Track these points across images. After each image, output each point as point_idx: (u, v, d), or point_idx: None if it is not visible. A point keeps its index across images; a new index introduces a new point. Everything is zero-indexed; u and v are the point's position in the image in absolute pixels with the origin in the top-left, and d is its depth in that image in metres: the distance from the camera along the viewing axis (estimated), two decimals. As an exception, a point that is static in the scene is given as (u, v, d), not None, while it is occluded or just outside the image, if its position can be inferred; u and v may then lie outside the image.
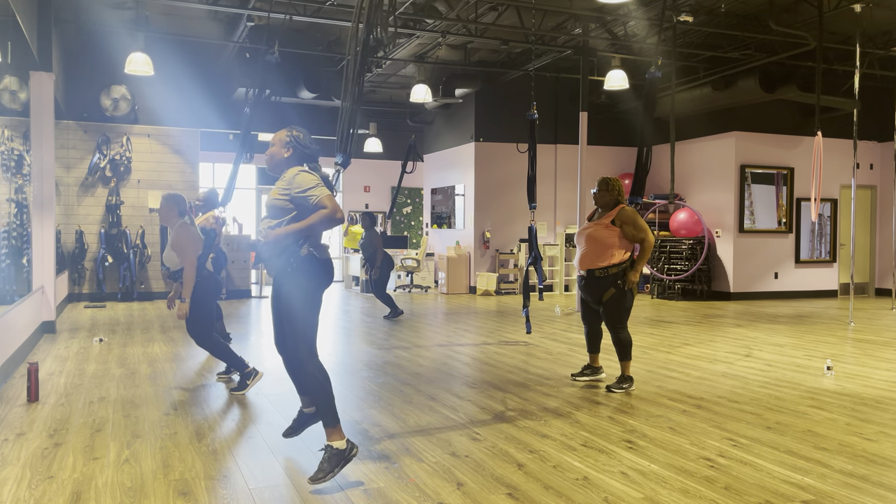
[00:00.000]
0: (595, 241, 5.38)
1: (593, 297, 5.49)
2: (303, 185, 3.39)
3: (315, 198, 3.36)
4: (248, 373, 5.38)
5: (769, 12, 9.32)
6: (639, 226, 5.33)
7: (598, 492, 3.30)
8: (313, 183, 3.40)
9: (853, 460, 3.77)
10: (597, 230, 5.40)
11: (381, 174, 17.14)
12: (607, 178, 5.51)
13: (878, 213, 14.09)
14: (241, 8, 9.74)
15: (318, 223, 3.37)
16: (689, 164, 13.63)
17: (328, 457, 3.38)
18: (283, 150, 3.57)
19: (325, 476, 3.35)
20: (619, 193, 5.47)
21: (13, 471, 3.57)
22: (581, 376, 5.78)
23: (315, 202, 3.36)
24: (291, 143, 3.57)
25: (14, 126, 9.94)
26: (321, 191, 3.38)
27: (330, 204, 3.36)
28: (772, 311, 11.08)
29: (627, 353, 5.45)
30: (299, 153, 3.57)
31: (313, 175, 3.45)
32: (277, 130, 3.65)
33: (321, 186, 3.40)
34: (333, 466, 3.38)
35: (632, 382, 5.45)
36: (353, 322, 9.61)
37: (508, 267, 14.08)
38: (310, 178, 3.42)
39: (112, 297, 11.91)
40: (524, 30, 10.68)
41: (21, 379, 5.66)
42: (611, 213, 5.43)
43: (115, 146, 12.01)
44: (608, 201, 5.48)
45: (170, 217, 5.67)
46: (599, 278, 5.38)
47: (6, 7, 6.58)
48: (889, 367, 6.42)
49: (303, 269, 3.44)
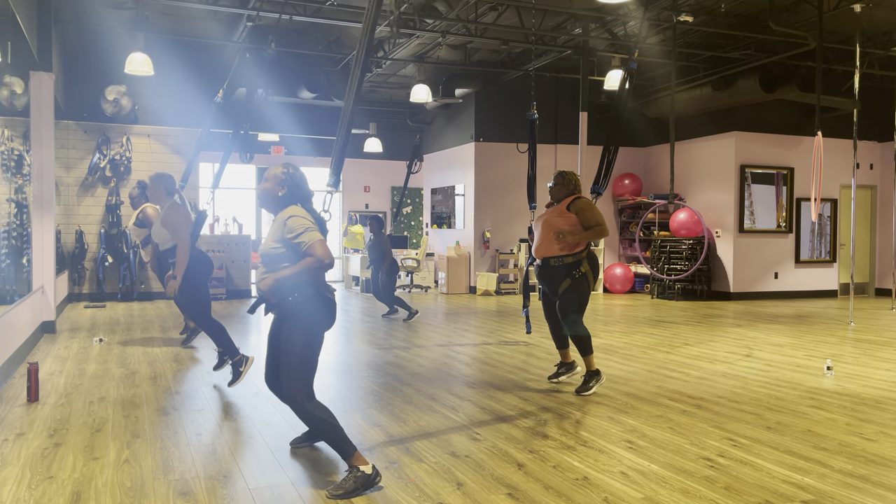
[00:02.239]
0: (550, 228, 5.32)
1: (550, 287, 5.42)
2: (295, 229, 3.31)
3: (305, 245, 3.28)
4: (239, 360, 5.42)
5: (769, 12, 9.32)
6: (595, 214, 5.25)
7: (598, 492, 3.30)
8: (303, 227, 3.31)
9: (853, 460, 3.77)
10: (552, 217, 5.35)
11: (381, 174, 17.14)
12: (563, 171, 5.48)
13: (878, 213, 14.09)
14: (241, 8, 9.75)
15: (306, 271, 3.29)
16: (689, 164, 13.63)
17: (354, 477, 3.26)
18: (278, 188, 3.47)
19: (344, 493, 3.22)
20: (574, 187, 5.43)
21: (13, 471, 3.57)
22: (557, 377, 5.71)
23: (305, 249, 3.28)
24: (286, 181, 3.47)
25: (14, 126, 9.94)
26: (311, 236, 3.29)
27: (318, 252, 3.27)
28: (772, 311, 11.08)
29: (587, 347, 5.33)
30: (293, 192, 3.47)
31: (305, 218, 3.35)
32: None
33: (312, 231, 3.31)
34: (357, 487, 3.25)
35: (599, 377, 5.35)
36: (353, 322, 9.61)
37: (508, 267, 14.08)
38: (301, 222, 3.32)
39: (112, 297, 11.91)
40: (524, 30, 10.68)
41: (21, 379, 5.66)
42: (566, 200, 5.37)
43: (115, 146, 12.01)
44: (564, 194, 5.43)
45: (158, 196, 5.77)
46: (554, 267, 5.31)
47: (6, 7, 6.57)
48: (889, 367, 6.42)
49: (305, 309, 3.36)
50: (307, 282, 3.35)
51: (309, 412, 3.34)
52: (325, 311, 3.43)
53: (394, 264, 9.78)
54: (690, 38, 11.56)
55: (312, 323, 3.39)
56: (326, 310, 3.44)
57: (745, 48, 11.41)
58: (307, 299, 3.36)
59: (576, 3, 10.00)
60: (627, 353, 7.12)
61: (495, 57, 13.20)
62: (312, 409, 3.34)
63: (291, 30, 11.14)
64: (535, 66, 12.48)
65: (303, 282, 3.33)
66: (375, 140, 15.90)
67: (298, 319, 3.36)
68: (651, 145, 14.81)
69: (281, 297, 3.35)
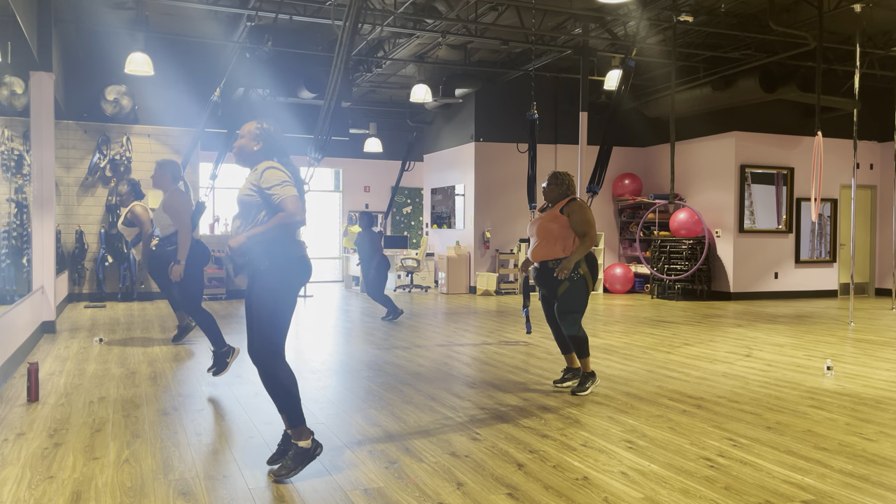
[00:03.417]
0: (545, 232, 5.30)
1: (549, 290, 5.39)
2: (270, 181, 3.28)
3: (278, 197, 3.24)
4: (226, 351, 5.45)
5: (769, 12, 9.32)
6: (584, 218, 5.22)
7: (598, 492, 3.30)
8: (280, 180, 3.28)
9: (853, 460, 3.77)
10: (546, 222, 5.33)
11: (381, 174, 17.14)
12: (557, 172, 5.45)
13: (878, 213, 14.09)
14: (241, 8, 9.75)
15: (276, 227, 3.25)
16: (689, 164, 13.63)
17: (293, 454, 3.40)
18: (253, 142, 3.46)
19: (287, 473, 3.37)
20: (568, 187, 5.40)
21: (13, 471, 3.57)
22: (563, 382, 5.62)
23: (277, 202, 3.25)
24: (261, 136, 3.46)
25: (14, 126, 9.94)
26: (285, 190, 3.26)
27: (290, 206, 3.23)
28: (772, 311, 11.08)
29: (584, 349, 5.31)
30: (269, 147, 3.46)
31: (282, 171, 3.32)
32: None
33: (287, 185, 3.28)
34: (297, 464, 3.40)
35: (594, 378, 5.33)
36: (353, 322, 9.61)
37: (508, 267, 14.08)
38: (278, 175, 3.29)
39: (112, 297, 11.91)
40: (524, 30, 10.68)
41: (21, 379, 5.66)
42: (560, 203, 5.35)
43: (115, 146, 12.01)
44: (558, 195, 5.40)
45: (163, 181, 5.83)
46: (552, 269, 5.28)
47: (6, 7, 6.57)
48: (889, 367, 6.42)
49: (277, 268, 3.32)
50: (277, 240, 3.30)
51: (274, 374, 3.33)
52: (297, 268, 3.40)
53: (384, 261, 9.71)
54: (690, 38, 11.56)
55: (283, 283, 3.35)
56: (300, 267, 3.41)
57: (745, 48, 11.41)
58: (278, 260, 3.33)
59: (576, 3, 10.00)
60: (627, 353, 7.12)
61: (495, 57, 13.20)
62: (279, 372, 3.34)
63: (291, 30, 11.14)
64: (535, 66, 12.48)
65: (273, 240, 3.29)
66: (375, 140, 15.90)
67: (268, 279, 3.33)
68: (651, 145, 14.81)
69: (251, 257, 3.31)
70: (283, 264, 3.35)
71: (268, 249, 3.31)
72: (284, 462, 3.40)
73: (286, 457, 3.45)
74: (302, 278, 3.43)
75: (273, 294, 3.33)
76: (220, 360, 5.52)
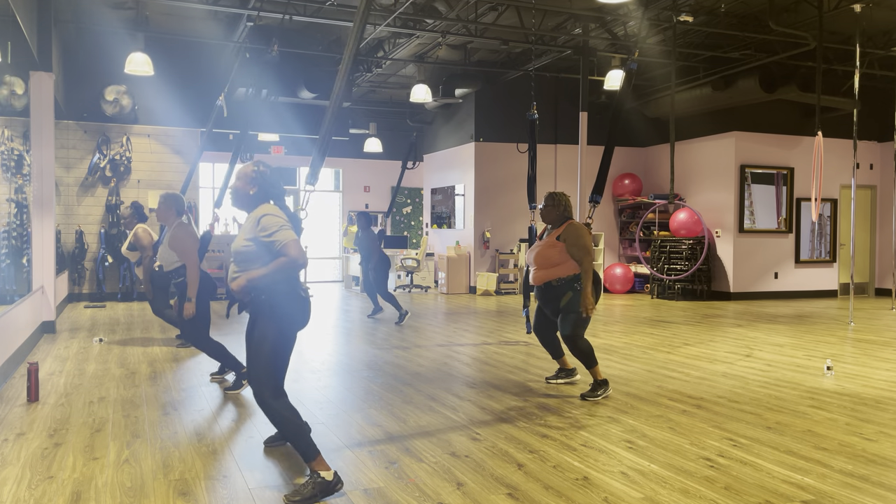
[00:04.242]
0: (544, 260, 5.29)
1: (551, 307, 5.35)
2: (269, 227, 3.28)
3: (279, 243, 3.25)
4: (244, 373, 5.39)
5: (769, 12, 9.32)
6: (580, 245, 5.17)
7: (598, 492, 3.30)
8: (278, 226, 3.28)
9: (853, 460, 3.77)
10: (544, 249, 5.30)
11: (381, 174, 17.14)
12: (553, 192, 5.41)
13: (878, 213, 14.09)
14: (241, 8, 9.75)
15: (279, 271, 3.26)
16: (689, 164, 13.63)
17: (313, 483, 3.22)
18: (249, 186, 3.45)
19: (301, 500, 3.17)
20: (565, 209, 5.36)
21: (13, 471, 3.57)
22: (555, 379, 5.69)
23: (278, 248, 3.26)
24: (257, 180, 3.44)
25: (14, 126, 9.94)
26: (285, 235, 3.27)
27: (292, 251, 3.24)
28: (772, 311, 11.08)
29: (592, 359, 5.26)
30: (264, 191, 3.46)
31: (279, 217, 3.33)
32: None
33: (286, 229, 3.29)
34: (315, 493, 3.20)
35: (607, 387, 5.25)
36: (353, 322, 9.61)
37: (508, 267, 14.08)
38: (275, 221, 3.30)
39: (112, 297, 11.91)
40: (524, 30, 10.68)
41: (21, 379, 5.66)
42: (558, 229, 5.33)
43: (115, 146, 12.01)
44: (555, 217, 5.36)
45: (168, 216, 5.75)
46: (556, 287, 5.26)
47: (6, 7, 6.57)
48: (889, 367, 6.42)
49: (279, 307, 3.34)
50: (280, 280, 3.32)
51: (275, 410, 3.30)
52: (298, 309, 3.40)
53: (384, 259, 9.69)
54: (690, 38, 11.56)
55: (284, 321, 3.36)
56: (300, 308, 3.41)
57: (745, 48, 11.41)
58: (280, 298, 3.34)
59: (576, 3, 10.00)
60: (627, 353, 7.12)
61: (495, 57, 13.20)
62: (279, 407, 3.31)
63: (291, 30, 11.14)
64: (535, 66, 12.48)
65: (276, 281, 3.31)
66: (375, 140, 15.90)
67: (270, 317, 3.34)
68: (651, 145, 14.81)
69: (254, 295, 3.33)
70: (283, 305, 3.36)
71: (269, 290, 3.33)
72: (303, 486, 3.24)
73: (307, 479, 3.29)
74: (302, 320, 3.43)
75: (273, 334, 3.34)
76: (238, 380, 5.45)
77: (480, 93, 13.73)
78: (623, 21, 10.72)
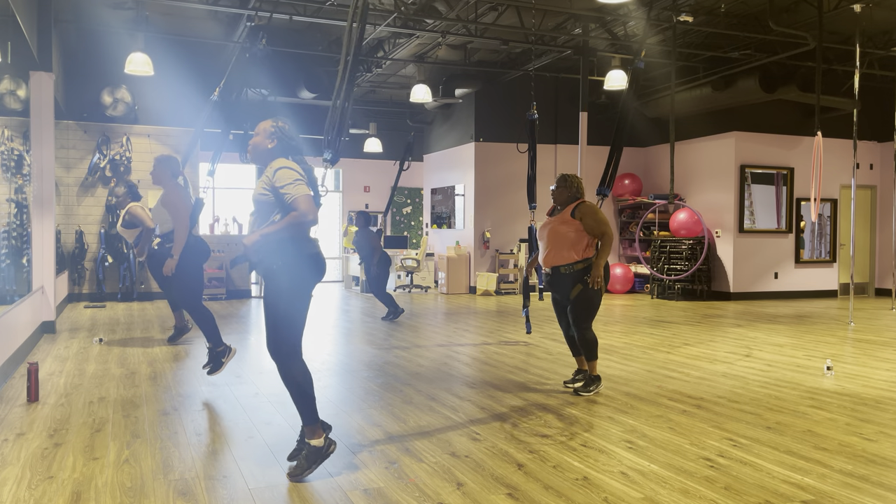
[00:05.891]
0: (556, 237, 5.25)
1: (562, 294, 5.36)
2: (283, 179, 3.30)
3: (290, 196, 3.26)
4: (223, 351, 5.44)
5: (769, 12, 9.32)
6: (598, 218, 5.19)
7: (598, 492, 3.30)
8: (292, 179, 3.29)
9: (853, 460, 3.77)
10: (557, 226, 5.28)
11: (381, 174, 17.14)
12: (565, 174, 5.41)
13: (878, 213, 14.09)
14: (241, 8, 9.75)
15: (288, 226, 3.27)
16: (689, 164, 13.63)
17: (306, 454, 3.43)
18: (267, 140, 3.48)
19: (302, 473, 3.41)
20: (577, 190, 5.36)
21: (13, 471, 3.57)
22: (573, 383, 5.60)
23: (289, 201, 3.27)
24: (276, 134, 3.48)
25: (14, 126, 9.94)
26: (297, 189, 3.27)
27: (302, 206, 3.25)
28: (772, 311, 11.08)
29: (594, 352, 5.30)
30: (284, 145, 3.48)
31: (295, 171, 3.34)
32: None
33: (300, 184, 3.29)
34: (311, 463, 3.43)
35: (599, 383, 5.31)
36: (353, 322, 9.61)
37: (508, 267, 14.09)
38: (290, 174, 3.31)
39: (112, 297, 11.91)
40: (524, 30, 10.68)
41: (21, 379, 5.66)
42: (570, 207, 5.31)
43: (115, 146, 12.01)
44: (567, 198, 5.36)
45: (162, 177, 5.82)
46: (565, 275, 5.25)
47: (6, 7, 6.57)
48: (889, 367, 6.42)
49: (290, 267, 3.35)
50: (290, 239, 3.33)
51: (290, 371, 3.39)
52: (311, 266, 3.42)
53: (384, 257, 9.72)
54: (690, 38, 11.56)
55: (297, 281, 3.38)
56: (313, 265, 3.43)
57: (745, 48, 11.41)
58: (290, 258, 3.35)
59: (576, 3, 10.00)
60: (627, 353, 7.12)
61: (495, 57, 13.20)
62: (295, 369, 3.39)
63: (291, 30, 11.14)
64: (535, 66, 12.48)
65: (286, 239, 3.32)
66: (375, 140, 15.90)
67: (282, 278, 3.36)
68: (651, 145, 14.81)
69: (264, 256, 3.34)
70: (295, 263, 3.37)
71: (280, 248, 3.34)
72: (299, 461, 3.44)
73: (300, 455, 3.48)
74: (316, 276, 3.46)
75: (287, 293, 3.37)
76: (217, 358, 5.51)
77: (480, 93, 13.74)
78: (623, 21, 10.72)
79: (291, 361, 3.38)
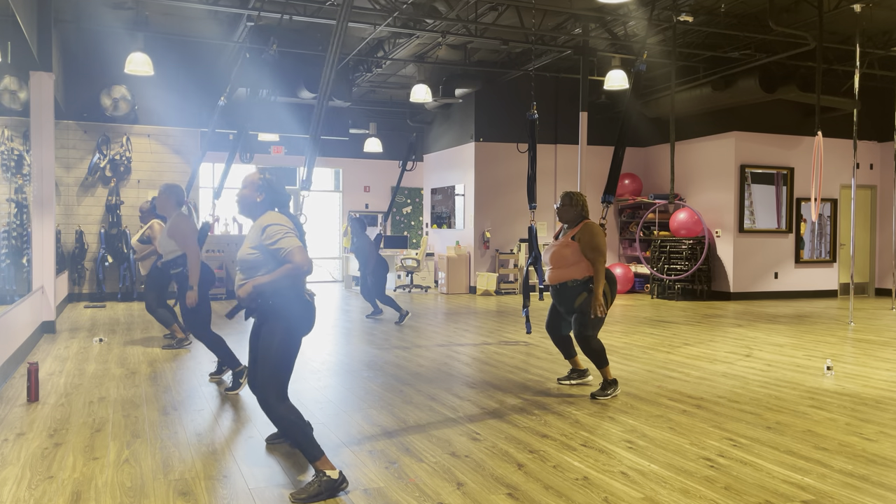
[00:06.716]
0: (559, 259, 5.30)
1: (566, 306, 5.36)
2: (273, 236, 3.34)
3: (284, 251, 3.31)
4: (241, 371, 5.40)
5: (769, 12, 9.32)
6: (593, 246, 5.19)
7: (598, 492, 3.30)
8: (283, 233, 3.35)
9: (853, 460, 3.77)
10: (560, 249, 5.31)
11: (381, 174, 17.14)
12: (570, 192, 5.41)
13: (878, 213, 14.08)
14: (241, 8, 9.75)
15: (284, 277, 3.32)
16: (689, 164, 13.62)
17: (319, 481, 3.25)
18: (256, 193, 3.51)
19: (307, 497, 3.20)
20: (582, 208, 5.37)
21: (13, 471, 3.57)
22: (567, 380, 5.69)
23: (283, 255, 3.32)
24: (264, 187, 3.51)
25: (14, 126, 9.94)
26: (289, 242, 3.33)
27: (297, 258, 3.30)
28: (772, 311, 11.08)
29: (603, 359, 5.29)
30: (271, 198, 3.52)
31: (283, 225, 3.39)
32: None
33: (291, 237, 3.35)
34: (321, 492, 3.22)
35: (616, 386, 5.29)
36: (353, 322, 9.61)
37: (508, 267, 14.08)
38: (280, 229, 3.36)
39: (112, 297, 11.91)
40: (524, 30, 10.68)
41: (21, 379, 5.66)
42: (574, 229, 5.34)
43: (115, 146, 12.01)
44: (573, 216, 5.37)
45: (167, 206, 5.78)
46: (571, 287, 5.27)
47: (6, 7, 6.58)
48: (889, 367, 6.42)
49: (284, 312, 3.38)
50: (286, 286, 3.38)
51: (279, 413, 3.34)
52: (303, 314, 3.45)
53: (381, 263, 9.66)
54: (690, 38, 11.56)
55: (290, 326, 3.40)
56: (305, 313, 3.46)
57: (745, 48, 11.41)
58: (285, 302, 3.38)
59: (576, 3, 10.00)
60: (627, 353, 7.12)
61: (495, 57, 13.20)
62: (283, 410, 3.34)
63: (291, 30, 11.13)
64: (535, 66, 12.48)
65: (281, 286, 3.36)
66: (375, 140, 15.90)
67: (277, 322, 3.38)
68: (651, 145, 14.81)
69: (260, 301, 3.37)
70: (289, 311, 3.40)
71: (275, 295, 3.37)
72: (309, 484, 3.26)
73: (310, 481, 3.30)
74: (307, 325, 3.48)
75: (279, 338, 3.37)
76: (235, 378, 5.45)
77: (480, 93, 13.73)
78: (623, 21, 10.72)
79: (280, 404, 3.34)
